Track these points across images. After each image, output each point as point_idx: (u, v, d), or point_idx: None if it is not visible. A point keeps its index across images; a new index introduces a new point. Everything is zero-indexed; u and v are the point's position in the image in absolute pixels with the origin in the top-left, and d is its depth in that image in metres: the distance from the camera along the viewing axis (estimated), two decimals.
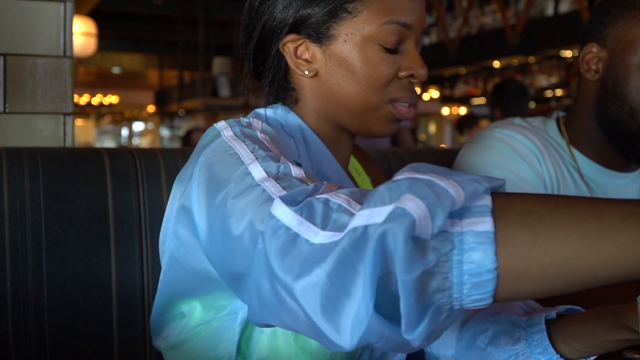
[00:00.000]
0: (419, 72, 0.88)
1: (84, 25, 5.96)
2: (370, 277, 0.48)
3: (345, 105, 0.89)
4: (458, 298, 0.50)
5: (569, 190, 1.24)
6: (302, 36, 0.88)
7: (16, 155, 1.07)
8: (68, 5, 1.47)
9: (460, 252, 0.49)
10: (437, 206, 0.49)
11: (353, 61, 0.86)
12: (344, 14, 0.86)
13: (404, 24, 0.86)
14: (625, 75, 1.16)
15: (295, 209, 0.55)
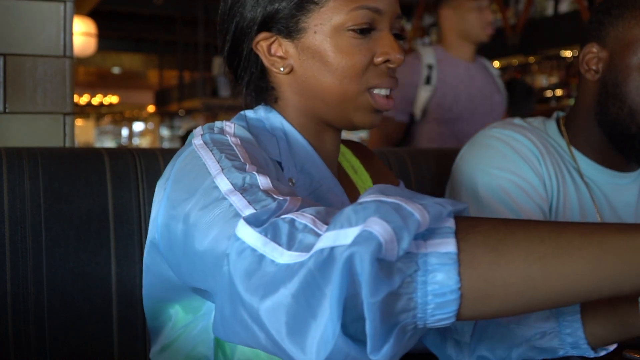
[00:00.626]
0: (395, 57, 0.87)
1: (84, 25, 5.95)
2: (337, 299, 0.48)
3: (323, 98, 0.88)
4: (422, 318, 0.50)
5: (568, 191, 1.24)
6: (274, 33, 0.88)
7: (16, 155, 1.07)
8: (68, 5, 1.47)
9: (425, 273, 0.50)
10: (403, 229, 0.50)
11: (325, 52, 0.86)
12: (311, 5, 0.85)
13: (374, 8, 0.85)
14: (625, 75, 1.16)
15: (260, 229, 0.55)
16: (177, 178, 0.74)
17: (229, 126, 0.82)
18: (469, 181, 1.23)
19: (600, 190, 1.26)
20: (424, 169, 1.44)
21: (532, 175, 1.21)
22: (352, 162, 1.05)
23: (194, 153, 0.75)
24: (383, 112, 0.90)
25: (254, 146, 0.79)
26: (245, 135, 0.81)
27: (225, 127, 0.82)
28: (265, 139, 0.88)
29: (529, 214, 1.17)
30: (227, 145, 0.75)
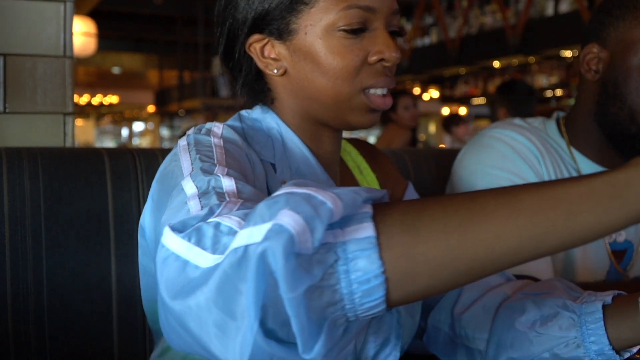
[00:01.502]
0: (390, 55, 0.85)
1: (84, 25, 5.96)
2: (254, 297, 0.47)
3: (318, 100, 0.87)
4: (351, 309, 0.49)
5: None
6: (266, 35, 0.87)
7: (16, 155, 1.07)
8: (68, 5, 1.47)
9: (346, 262, 0.49)
10: (314, 219, 0.48)
11: (317, 53, 0.84)
12: (301, 6, 0.84)
13: (365, 7, 0.83)
14: (626, 76, 1.16)
15: (184, 235, 0.54)
16: (159, 178, 0.75)
17: (217, 127, 0.82)
18: (469, 181, 1.23)
19: None
20: (424, 169, 1.44)
21: (532, 175, 1.20)
22: (358, 162, 1.05)
23: (175, 154, 0.75)
24: (380, 111, 0.89)
25: (238, 147, 0.79)
26: (231, 137, 0.80)
27: (213, 128, 0.81)
28: (260, 139, 0.88)
29: None
30: (206, 146, 0.75)
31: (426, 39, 8.30)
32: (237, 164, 0.73)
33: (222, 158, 0.72)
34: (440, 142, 12.92)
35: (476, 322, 0.93)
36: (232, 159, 0.74)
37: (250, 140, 0.87)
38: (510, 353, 0.88)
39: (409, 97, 4.81)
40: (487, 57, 7.25)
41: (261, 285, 0.47)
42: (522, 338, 0.87)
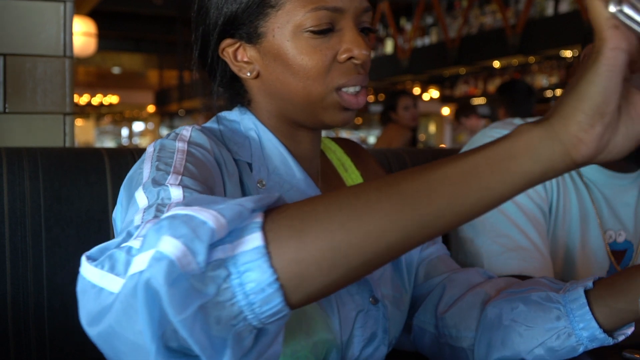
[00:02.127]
0: (360, 53, 0.85)
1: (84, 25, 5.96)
2: (148, 322, 0.48)
3: (291, 100, 0.88)
4: (254, 318, 0.50)
5: (568, 191, 1.24)
6: (237, 39, 0.89)
7: (16, 155, 1.07)
8: (68, 5, 1.47)
9: (238, 275, 0.50)
10: (194, 241, 0.49)
11: (286, 55, 0.85)
12: (268, 9, 0.85)
13: (332, 8, 0.84)
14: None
15: (97, 263, 0.55)
16: (125, 184, 0.76)
17: (187, 130, 0.83)
18: None
19: (599, 191, 1.26)
20: None
21: None
22: (343, 160, 1.05)
23: (142, 160, 0.77)
24: (355, 110, 0.89)
25: (205, 150, 0.79)
26: (198, 140, 0.81)
27: (182, 131, 0.83)
28: (237, 140, 0.89)
29: (529, 214, 1.17)
30: (169, 152, 0.76)
31: (426, 39, 8.30)
32: (198, 168, 0.74)
33: (180, 164, 0.73)
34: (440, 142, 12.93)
35: (459, 320, 0.94)
36: (194, 163, 0.74)
37: (228, 141, 0.88)
38: (502, 351, 0.88)
39: (409, 97, 4.81)
40: (487, 57, 7.25)
41: (153, 310, 0.48)
42: (512, 334, 0.87)
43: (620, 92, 0.53)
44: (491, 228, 1.16)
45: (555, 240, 1.22)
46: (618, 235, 1.26)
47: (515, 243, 1.13)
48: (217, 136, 0.89)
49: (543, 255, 1.14)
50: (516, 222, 1.15)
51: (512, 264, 1.12)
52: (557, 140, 0.53)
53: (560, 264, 1.22)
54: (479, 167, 0.54)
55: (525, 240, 1.14)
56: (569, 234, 1.23)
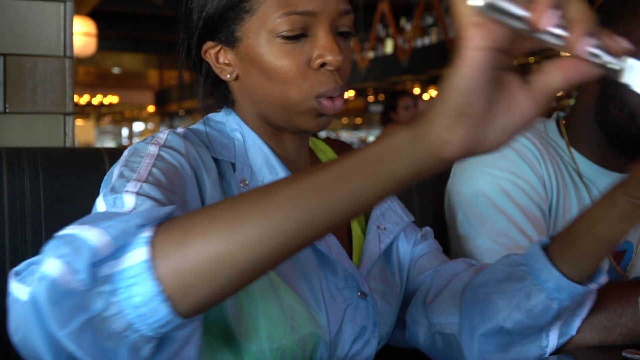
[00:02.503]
0: (333, 59, 0.85)
1: (84, 25, 5.96)
2: (42, 336, 0.51)
3: (268, 104, 0.89)
4: (147, 329, 0.52)
5: (568, 191, 1.24)
6: (217, 42, 0.90)
7: (16, 155, 1.07)
8: (68, 5, 1.47)
9: (126, 290, 0.52)
10: (75, 260, 0.51)
11: (261, 59, 0.86)
12: (243, 14, 0.86)
13: (303, 12, 0.84)
14: None
15: (19, 278, 0.57)
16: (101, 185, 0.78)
17: (163, 133, 0.84)
18: (469, 181, 1.23)
19: (599, 192, 1.26)
20: None
21: (532, 175, 1.21)
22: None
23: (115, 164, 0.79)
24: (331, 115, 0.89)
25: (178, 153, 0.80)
26: (174, 143, 0.82)
27: (159, 134, 0.84)
28: (222, 141, 0.91)
29: (529, 214, 1.17)
30: (138, 157, 0.77)
31: (426, 39, 8.30)
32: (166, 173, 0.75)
33: (145, 170, 0.73)
34: None
35: (445, 308, 0.96)
36: (162, 168, 0.75)
37: (212, 142, 0.90)
38: (483, 326, 0.90)
39: (409, 97, 4.81)
40: None
41: (42, 325, 0.51)
42: (489, 305, 0.89)
43: (487, 90, 0.51)
44: (491, 228, 1.16)
45: None
46: None
47: (515, 243, 1.13)
48: (202, 137, 0.90)
49: None
50: (516, 222, 1.16)
51: None
52: (422, 142, 0.52)
53: None
54: (350, 172, 0.54)
55: (525, 240, 1.14)
56: None
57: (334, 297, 0.89)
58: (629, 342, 0.99)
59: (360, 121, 14.32)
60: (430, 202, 1.42)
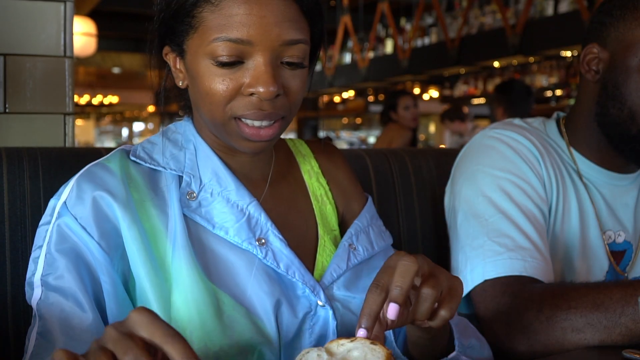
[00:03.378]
0: (262, 90, 0.84)
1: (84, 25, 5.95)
2: None
3: (205, 120, 0.92)
4: None
5: (568, 192, 1.24)
6: (172, 49, 0.92)
7: (16, 155, 1.07)
8: (68, 5, 1.47)
9: None
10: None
11: (197, 76, 0.87)
12: (189, 29, 0.87)
13: (237, 40, 0.83)
14: (626, 77, 1.16)
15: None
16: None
17: (62, 208, 0.87)
18: (469, 181, 1.23)
19: (599, 192, 1.26)
20: (424, 169, 1.44)
21: (532, 176, 1.20)
22: (312, 165, 1.06)
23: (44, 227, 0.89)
24: (263, 141, 0.88)
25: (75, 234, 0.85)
26: (68, 223, 0.85)
27: (58, 208, 0.88)
28: (172, 152, 0.94)
29: (529, 214, 1.17)
30: (41, 239, 0.88)
31: (426, 39, 8.30)
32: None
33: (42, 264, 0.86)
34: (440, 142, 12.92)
35: None
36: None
37: (164, 152, 0.94)
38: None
39: (409, 97, 4.81)
40: (487, 57, 7.24)
41: None
42: None
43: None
44: (491, 228, 1.16)
45: (555, 240, 1.22)
46: (617, 235, 1.26)
47: (515, 243, 1.13)
48: (142, 154, 0.93)
49: (543, 256, 1.14)
50: (516, 222, 1.15)
51: (512, 264, 1.12)
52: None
53: (560, 264, 1.22)
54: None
55: (525, 240, 1.14)
56: (568, 235, 1.23)
57: (291, 305, 0.89)
58: (628, 342, 0.99)
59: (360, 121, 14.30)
60: (430, 203, 1.42)
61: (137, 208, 0.87)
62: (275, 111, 0.87)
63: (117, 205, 0.86)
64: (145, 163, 0.93)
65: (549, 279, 1.13)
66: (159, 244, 0.87)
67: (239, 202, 0.92)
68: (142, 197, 0.89)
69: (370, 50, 9.28)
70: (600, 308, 1.00)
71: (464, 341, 0.92)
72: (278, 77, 0.86)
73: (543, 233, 1.18)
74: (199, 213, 0.90)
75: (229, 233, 0.90)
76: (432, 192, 1.42)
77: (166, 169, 0.92)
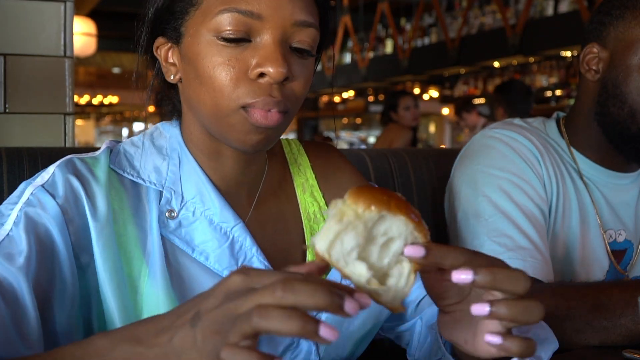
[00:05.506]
0: (275, 71, 0.75)
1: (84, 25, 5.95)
2: None
3: (202, 112, 0.81)
4: None
5: (568, 191, 1.24)
6: (167, 39, 0.84)
7: (16, 155, 1.07)
8: (68, 5, 1.47)
9: None
10: None
11: (197, 59, 0.78)
12: (189, 7, 0.79)
13: (245, 11, 0.75)
14: (626, 75, 1.16)
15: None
16: None
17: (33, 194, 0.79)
18: (469, 181, 1.23)
19: (599, 191, 1.26)
20: (424, 169, 1.44)
21: (532, 175, 1.20)
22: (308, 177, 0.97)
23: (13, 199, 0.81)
24: (266, 128, 0.78)
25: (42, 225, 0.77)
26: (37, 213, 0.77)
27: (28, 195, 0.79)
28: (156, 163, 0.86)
29: (529, 214, 1.17)
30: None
31: (426, 39, 8.30)
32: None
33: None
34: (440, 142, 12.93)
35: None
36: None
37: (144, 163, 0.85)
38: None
39: (409, 97, 4.81)
40: (487, 57, 7.25)
41: None
42: None
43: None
44: (491, 228, 1.16)
45: (555, 240, 1.22)
46: (618, 234, 1.26)
47: (515, 243, 1.13)
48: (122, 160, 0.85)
49: (543, 256, 1.14)
50: (516, 222, 1.15)
51: (512, 264, 1.11)
52: None
53: (560, 264, 1.22)
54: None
55: (525, 240, 1.14)
56: (568, 234, 1.23)
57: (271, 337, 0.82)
58: (628, 342, 0.99)
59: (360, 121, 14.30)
60: (430, 202, 1.42)
61: (115, 222, 0.80)
62: (283, 99, 0.78)
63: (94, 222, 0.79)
64: (125, 173, 0.85)
65: (549, 279, 1.13)
66: (133, 265, 0.80)
67: (223, 225, 0.84)
68: (122, 210, 0.82)
69: (370, 50, 9.28)
70: (600, 309, 1.00)
71: (526, 333, 0.79)
72: (287, 58, 0.77)
73: (543, 233, 1.18)
74: (178, 234, 0.83)
75: (209, 259, 0.83)
76: (432, 192, 1.42)
77: (146, 182, 0.84)
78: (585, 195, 1.25)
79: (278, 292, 0.52)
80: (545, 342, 0.85)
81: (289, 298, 0.51)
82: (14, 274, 0.72)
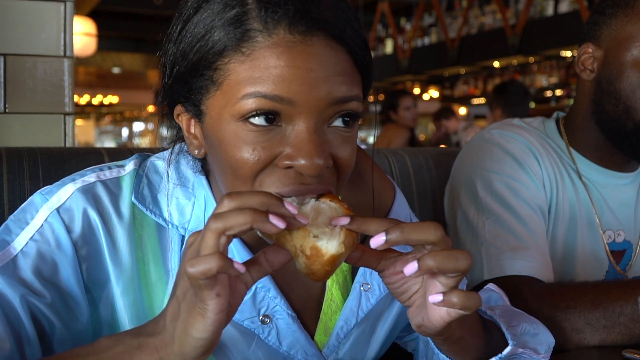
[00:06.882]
0: (303, 163, 0.66)
1: (84, 25, 5.96)
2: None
3: (226, 189, 0.74)
4: None
5: (567, 191, 1.24)
6: (187, 111, 0.75)
7: (16, 155, 1.07)
8: (68, 5, 1.47)
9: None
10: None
11: (219, 144, 0.70)
12: (210, 84, 0.70)
13: (274, 97, 0.66)
14: (619, 73, 1.17)
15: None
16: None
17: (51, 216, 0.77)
18: (468, 182, 1.23)
19: (598, 191, 1.26)
20: (424, 169, 1.44)
21: (531, 176, 1.21)
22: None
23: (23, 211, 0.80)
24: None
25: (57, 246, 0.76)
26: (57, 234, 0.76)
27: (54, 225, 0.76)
28: (181, 201, 0.81)
29: (528, 214, 1.17)
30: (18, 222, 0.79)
31: (426, 39, 8.30)
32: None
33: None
34: None
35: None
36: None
37: (169, 198, 0.80)
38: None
39: (409, 97, 4.82)
40: (487, 57, 7.26)
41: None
42: None
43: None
44: (491, 228, 1.16)
45: (555, 240, 1.22)
46: (617, 235, 1.27)
47: (514, 243, 1.14)
48: (149, 191, 0.80)
49: (542, 256, 1.14)
50: (516, 222, 1.16)
51: (512, 264, 1.12)
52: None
53: (560, 264, 1.22)
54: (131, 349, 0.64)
55: (525, 240, 1.14)
56: (568, 234, 1.23)
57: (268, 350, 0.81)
58: (628, 341, 0.99)
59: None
60: (430, 202, 1.42)
61: (138, 261, 0.78)
62: (320, 186, 0.69)
63: (114, 261, 0.77)
64: (147, 210, 0.79)
65: (548, 279, 1.13)
66: (154, 299, 0.79)
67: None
68: (145, 248, 0.79)
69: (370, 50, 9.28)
70: (599, 308, 1.01)
71: (515, 329, 0.82)
72: (325, 146, 0.68)
73: (542, 233, 1.18)
74: None
75: None
76: (432, 192, 1.42)
77: (167, 223, 0.79)
78: (584, 195, 1.25)
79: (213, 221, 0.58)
80: (537, 337, 0.87)
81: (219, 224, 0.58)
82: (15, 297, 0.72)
